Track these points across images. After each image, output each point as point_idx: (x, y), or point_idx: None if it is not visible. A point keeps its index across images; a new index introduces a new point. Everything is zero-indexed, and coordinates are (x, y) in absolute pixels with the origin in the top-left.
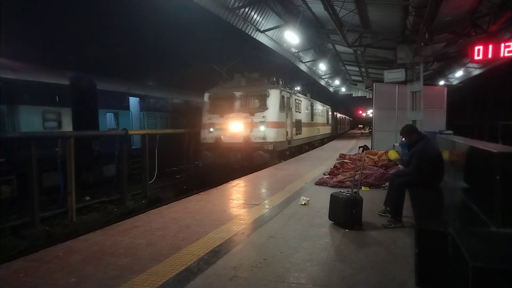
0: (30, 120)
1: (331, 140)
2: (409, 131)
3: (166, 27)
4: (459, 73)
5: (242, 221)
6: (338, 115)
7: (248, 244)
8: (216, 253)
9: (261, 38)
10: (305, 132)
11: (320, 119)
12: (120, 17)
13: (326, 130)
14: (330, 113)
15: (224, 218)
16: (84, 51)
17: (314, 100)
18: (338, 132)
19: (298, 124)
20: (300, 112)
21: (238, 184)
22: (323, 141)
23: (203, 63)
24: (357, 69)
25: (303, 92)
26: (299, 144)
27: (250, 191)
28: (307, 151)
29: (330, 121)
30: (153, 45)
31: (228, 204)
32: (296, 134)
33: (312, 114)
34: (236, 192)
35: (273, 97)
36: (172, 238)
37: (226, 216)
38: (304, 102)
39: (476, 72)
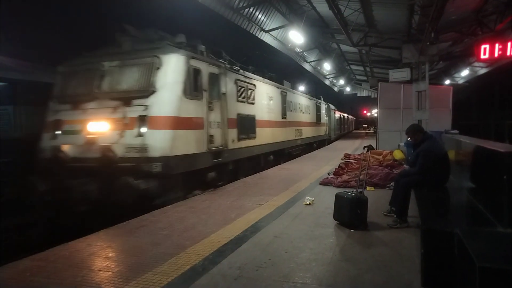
0: None
1: (330, 143)
2: (415, 130)
3: (167, 27)
4: (465, 72)
5: (247, 221)
6: (342, 114)
7: (253, 244)
8: (221, 253)
9: (266, 38)
10: (267, 136)
11: (303, 117)
12: (121, 18)
13: (316, 131)
14: (324, 111)
15: (229, 218)
16: None
17: (291, 90)
18: (341, 132)
19: (245, 123)
20: (252, 104)
21: (243, 184)
22: (310, 146)
23: None
24: (362, 68)
25: (267, 77)
26: (251, 155)
27: (255, 191)
28: (274, 162)
29: (324, 120)
30: None
31: (232, 204)
32: (241, 139)
33: (284, 109)
34: (241, 192)
35: (170, 71)
36: (177, 238)
37: (231, 215)
38: (264, 89)
39: (482, 71)
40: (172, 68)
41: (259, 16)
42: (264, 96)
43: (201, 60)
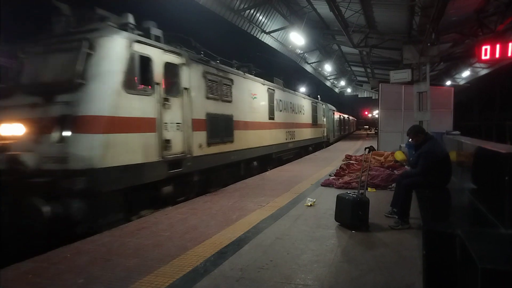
0: None
1: (328, 146)
2: (416, 131)
3: (168, 29)
4: (466, 73)
5: (248, 222)
6: (342, 115)
7: (254, 245)
8: (223, 254)
9: (267, 39)
10: (249, 139)
11: (296, 117)
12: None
13: (312, 133)
14: (321, 111)
15: (230, 219)
16: None
17: (281, 87)
18: (342, 134)
19: (219, 124)
20: (229, 102)
21: (244, 185)
22: (305, 150)
23: None
24: (362, 69)
25: (255, 73)
26: (227, 162)
27: (256, 192)
28: (260, 169)
29: (321, 121)
30: None
31: (234, 205)
32: (213, 144)
33: (271, 109)
34: (242, 194)
35: (104, 57)
36: (179, 239)
37: (233, 217)
38: (244, 85)
39: (483, 72)
40: (107, 54)
41: (260, 17)
42: (245, 94)
43: (152, 46)
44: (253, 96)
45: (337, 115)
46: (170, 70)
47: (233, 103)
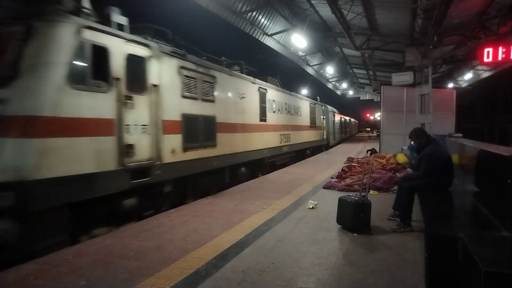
0: None
1: (328, 149)
2: (419, 134)
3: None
4: (468, 76)
5: (250, 225)
6: (344, 117)
7: (256, 248)
8: (225, 257)
9: (269, 41)
10: (235, 143)
11: (292, 119)
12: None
13: (310, 136)
14: (321, 113)
15: (232, 222)
16: None
17: (274, 87)
18: (343, 136)
19: (197, 127)
20: (210, 102)
21: (246, 188)
22: (302, 153)
23: None
24: (364, 72)
25: (247, 71)
26: (208, 169)
27: (258, 194)
28: (250, 175)
29: (320, 123)
30: None
31: (235, 207)
32: (190, 148)
33: (263, 110)
34: (244, 196)
35: (43, 45)
36: (180, 242)
37: (234, 219)
38: (229, 83)
39: (486, 74)
40: (47, 42)
41: (262, 20)
42: (231, 93)
43: (110, 35)
44: (241, 95)
45: (338, 117)
46: (135, 63)
47: (216, 103)
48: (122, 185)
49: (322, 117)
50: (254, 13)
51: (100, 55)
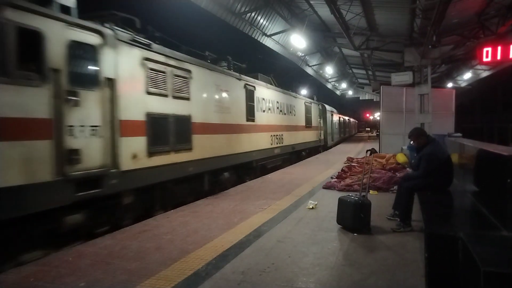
0: None
1: (326, 150)
2: (418, 134)
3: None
4: (468, 75)
5: (250, 225)
6: (343, 117)
7: (256, 248)
8: (225, 257)
9: (268, 42)
10: (215, 145)
11: (285, 119)
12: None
13: (305, 137)
14: (317, 112)
15: (232, 222)
16: None
17: (263, 84)
18: (342, 136)
19: (167, 128)
20: (185, 100)
21: (246, 188)
22: (297, 155)
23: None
24: (364, 72)
25: (234, 68)
26: (182, 176)
27: (258, 195)
28: (235, 181)
29: (316, 123)
30: None
31: (235, 208)
32: (157, 153)
33: (250, 109)
34: (244, 197)
35: None
36: (180, 242)
37: (234, 220)
38: (208, 79)
39: (485, 74)
40: None
41: (261, 20)
42: (211, 90)
43: (44, 16)
44: (224, 92)
45: (336, 117)
46: (81, 52)
47: (193, 101)
48: (63, 199)
49: (319, 116)
50: (253, 14)
51: (30, 40)
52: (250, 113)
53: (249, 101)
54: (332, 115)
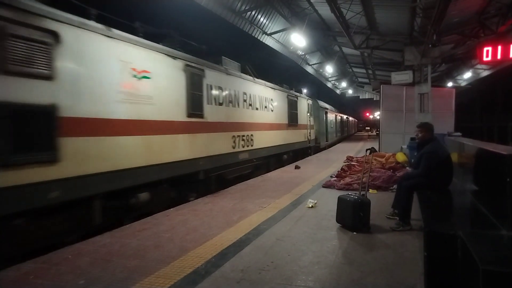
0: None
1: (318, 152)
2: (427, 128)
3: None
4: (468, 75)
5: (249, 224)
6: (340, 115)
7: (255, 246)
8: (224, 256)
9: (268, 41)
10: (121, 153)
11: (258, 115)
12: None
13: (288, 137)
14: (306, 108)
15: (231, 220)
16: None
17: (223, 69)
18: (340, 136)
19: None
20: (45, 79)
21: (245, 187)
22: (277, 160)
23: None
24: (364, 71)
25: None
26: (36, 206)
27: (257, 193)
28: (179, 196)
29: (305, 121)
30: None
31: (235, 206)
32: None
33: (197, 101)
34: (244, 195)
35: None
36: (179, 241)
37: (234, 218)
38: (105, 49)
39: (485, 73)
40: None
41: (261, 19)
42: (110, 69)
43: None
44: (140, 75)
45: (332, 115)
46: None
47: (63, 81)
48: None
49: (308, 113)
50: (253, 12)
51: None
52: (195, 107)
53: (194, 90)
54: (326, 112)
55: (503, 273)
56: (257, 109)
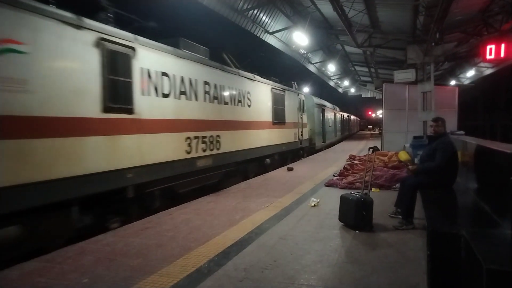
0: None
1: (313, 154)
2: (443, 122)
3: (170, 29)
4: (471, 73)
5: (252, 223)
6: (341, 113)
7: (258, 245)
8: (227, 255)
9: (270, 39)
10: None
11: (232, 111)
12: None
13: (273, 138)
14: (297, 104)
15: (234, 219)
16: None
17: (178, 52)
18: (341, 135)
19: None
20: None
21: (248, 186)
22: (257, 164)
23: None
24: (366, 69)
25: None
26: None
27: (260, 192)
28: (95, 223)
29: (295, 119)
30: None
31: (237, 205)
32: None
33: (124, 90)
34: (246, 194)
35: None
36: (182, 240)
37: (236, 217)
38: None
39: (488, 71)
40: None
41: (264, 18)
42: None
43: None
44: (14, 47)
45: (331, 113)
46: None
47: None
48: None
49: (299, 110)
50: (255, 11)
51: None
52: (119, 98)
53: (114, 75)
54: (324, 110)
55: (507, 272)
56: (226, 103)
